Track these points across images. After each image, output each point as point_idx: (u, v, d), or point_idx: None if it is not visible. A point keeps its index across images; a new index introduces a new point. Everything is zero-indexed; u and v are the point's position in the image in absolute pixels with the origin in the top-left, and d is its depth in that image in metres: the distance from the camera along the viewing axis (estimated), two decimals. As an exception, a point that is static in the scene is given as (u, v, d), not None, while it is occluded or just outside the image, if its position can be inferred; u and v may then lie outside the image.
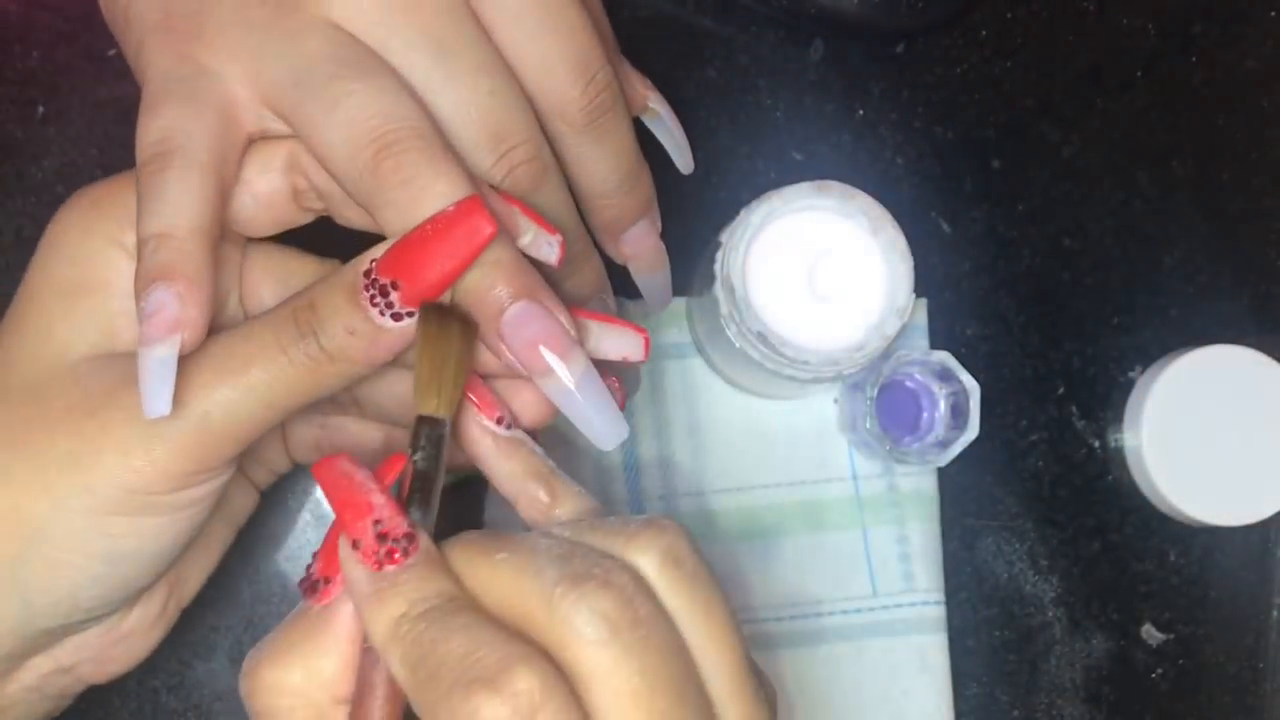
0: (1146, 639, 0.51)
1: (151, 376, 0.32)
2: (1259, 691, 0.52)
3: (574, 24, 0.36)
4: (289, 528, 0.49)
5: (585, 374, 0.34)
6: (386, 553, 0.30)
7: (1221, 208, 0.53)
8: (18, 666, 0.36)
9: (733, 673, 0.31)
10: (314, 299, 0.33)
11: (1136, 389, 0.51)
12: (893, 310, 0.42)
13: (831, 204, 0.42)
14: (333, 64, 0.33)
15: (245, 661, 0.31)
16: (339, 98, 0.33)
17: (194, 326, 0.32)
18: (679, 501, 0.50)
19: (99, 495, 0.33)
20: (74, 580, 0.34)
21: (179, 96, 0.34)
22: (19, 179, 0.49)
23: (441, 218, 0.32)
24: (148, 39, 0.35)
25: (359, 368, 0.33)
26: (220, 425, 0.33)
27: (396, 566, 0.30)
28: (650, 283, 0.43)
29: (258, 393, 0.33)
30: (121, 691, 0.48)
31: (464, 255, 0.32)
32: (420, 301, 0.32)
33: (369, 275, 0.32)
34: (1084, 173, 0.53)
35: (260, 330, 0.33)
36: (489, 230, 0.32)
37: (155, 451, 0.33)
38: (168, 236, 0.33)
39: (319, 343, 0.33)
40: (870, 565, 0.50)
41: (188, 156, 0.33)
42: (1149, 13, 0.53)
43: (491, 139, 0.35)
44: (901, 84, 0.52)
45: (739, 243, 0.42)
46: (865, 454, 0.50)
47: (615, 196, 0.39)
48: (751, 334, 0.41)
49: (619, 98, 0.37)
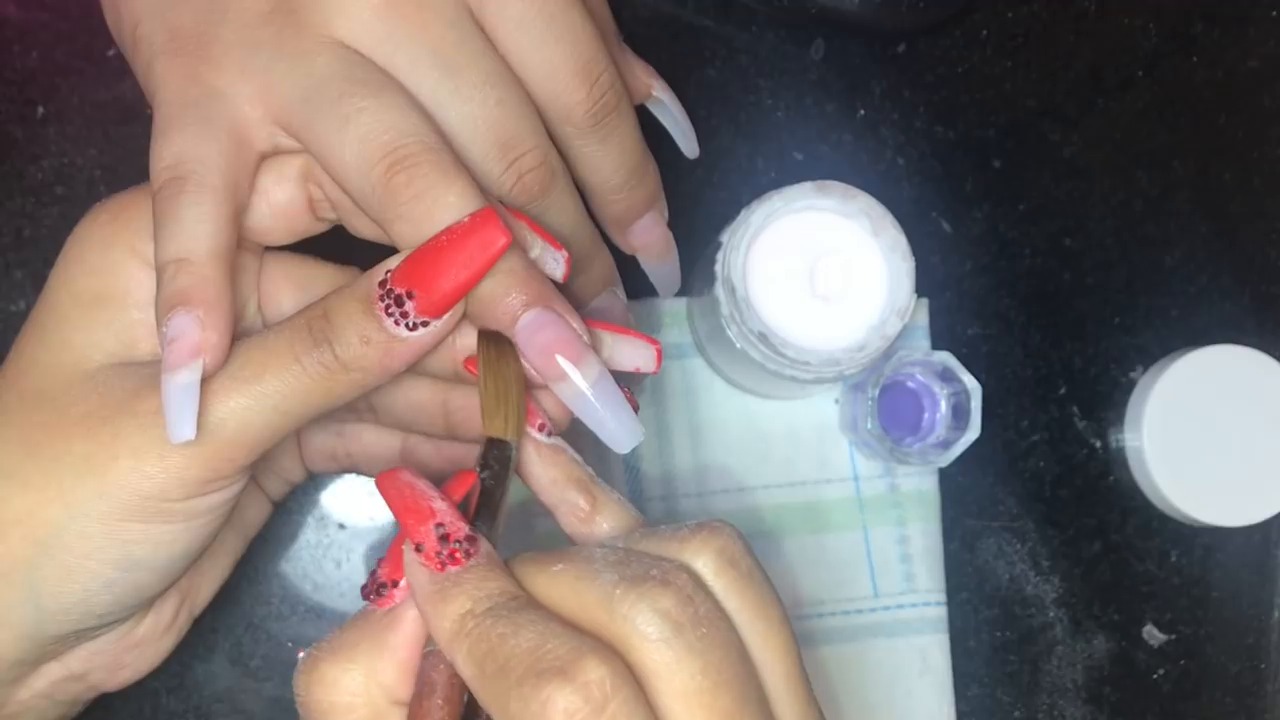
0: (1148, 639, 0.51)
1: (175, 402, 0.32)
2: (1260, 692, 0.52)
3: (576, 28, 0.36)
4: (289, 529, 0.49)
5: (600, 378, 0.34)
6: (449, 554, 0.30)
7: (1221, 208, 0.53)
8: (30, 672, 0.37)
9: (789, 672, 0.31)
10: (329, 308, 0.33)
11: (1137, 389, 0.51)
12: (894, 310, 0.42)
13: (832, 204, 0.42)
14: (342, 82, 0.34)
15: (302, 659, 0.32)
16: (349, 115, 0.33)
17: (215, 350, 0.33)
18: (679, 502, 0.50)
19: (113, 501, 0.33)
20: (87, 586, 0.34)
21: (191, 120, 0.34)
22: (19, 179, 0.49)
23: (457, 228, 0.32)
24: (156, 61, 0.35)
25: (373, 377, 0.34)
26: (234, 432, 0.33)
27: (459, 567, 0.30)
28: (659, 271, 0.44)
29: (272, 400, 0.33)
30: (121, 693, 0.47)
31: (479, 265, 0.32)
32: (437, 311, 0.33)
33: (384, 285, 0.33)
34: (1084, 173, 0.53)
35: (275, 339, 0.33)
36: (504, 240, 0.32)
37: (169, 458, 0.33)
38: (185, 262, 0.33)
39: (334, 351, 0.33)
40: (871, 566, 0.50)
41: (201, 181, 0.34)
42: (1149, 13, 0.53)
43: (500, 148, 0.35)
44: (902, 84, 0.52)
45: (740, 243, 0.42)
46: (866, 454, 0.50)
47: (623, 192, 0.40)
48: (753, 334, 0.41)
49: (622, 96, 0.38)
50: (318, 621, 0.49)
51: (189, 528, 0.35)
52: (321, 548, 0.49)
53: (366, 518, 0.49)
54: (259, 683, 0.48)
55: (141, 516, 0.34)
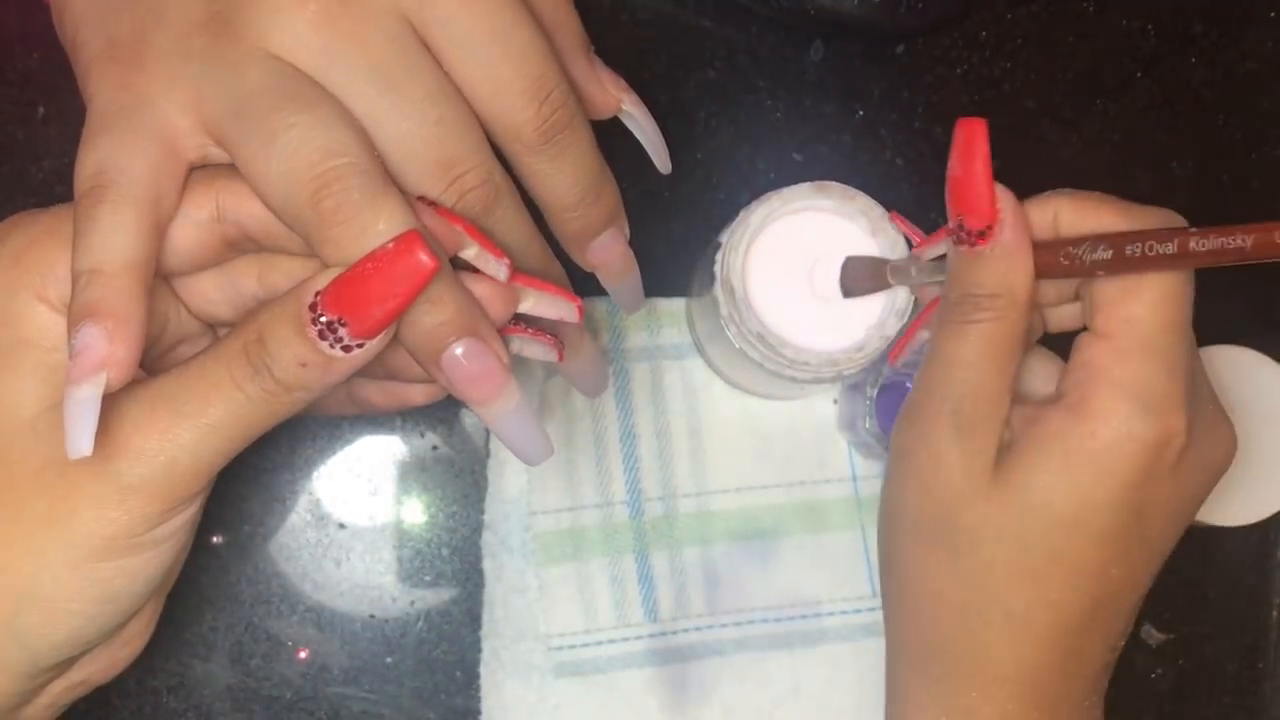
0: (1146, 639, 0.51)
1: (75, 416, 0.31)
2: (1259, 691, 0.52)
3: (524, 44, 0.35)
4: (289, 529, 0.49)
5: (517, 407, 0.35)
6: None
7: (1221, 208, 0.53)
8: (34, 697, 0.37)
9: None
10: (264, 331, 0.33)
11: (1136, 389, 0.51)
12: (892, 311, 0.42)
13: (831, 204, 0.42)
14: (273, 95, 0.33)
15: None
16: (278, 131, 0.32)
17: (121, 365, 0.32)
18: (679, 502, 0.50)
19: (81, 548, 0.33)
20: (71, 625, 0.34)
21: (118, 128, 0.34)
22: (19, 179, 0.49)
23: (381, 254, 0.31)
24: (93, 67, 0.35)
25: (317, 392, 0.33)
26: (187, 466, 0.33)
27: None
28: (619, 290, 0.42)
29: (220, 431, 0.33)
30: (122, 692, 0.48)
31: (404, 293, 0.32)
32: (370, 335, 0.32)
33: (315, 310, 0.32)
34: (1084, 173, 0.53)
35: (214, 367, 0.33)
36: (429, 267, 0.31)
37: (129, 501, 0.33)
38: (98, 273, 0.32)
39: (273, 377, 0.32)
40: (869, 565, 0.50)
41: (121, 191, 0.33)
42: (1149, 13, 0.53)
43: (440, 167, 0.34)
44: (901, 84, 0.52)
45: (739, 243, 0.42)
46: (864, 454, 0.50)
47: (579, 210, 0.38)
48: (751, 335, 0.41)
49: (576, 113, 0.37)
50: (318, 621, 0.49)
51: (160, 552, 0.34)
52: (321, 548, 0.49)
53: (366, 518, 0.49)
54: (259, 683, 0.48)
55: (111, 555, 0.34)
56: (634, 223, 0.41)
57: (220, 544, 0.49)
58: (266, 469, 0.49)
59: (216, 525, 0.49)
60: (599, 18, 0.51)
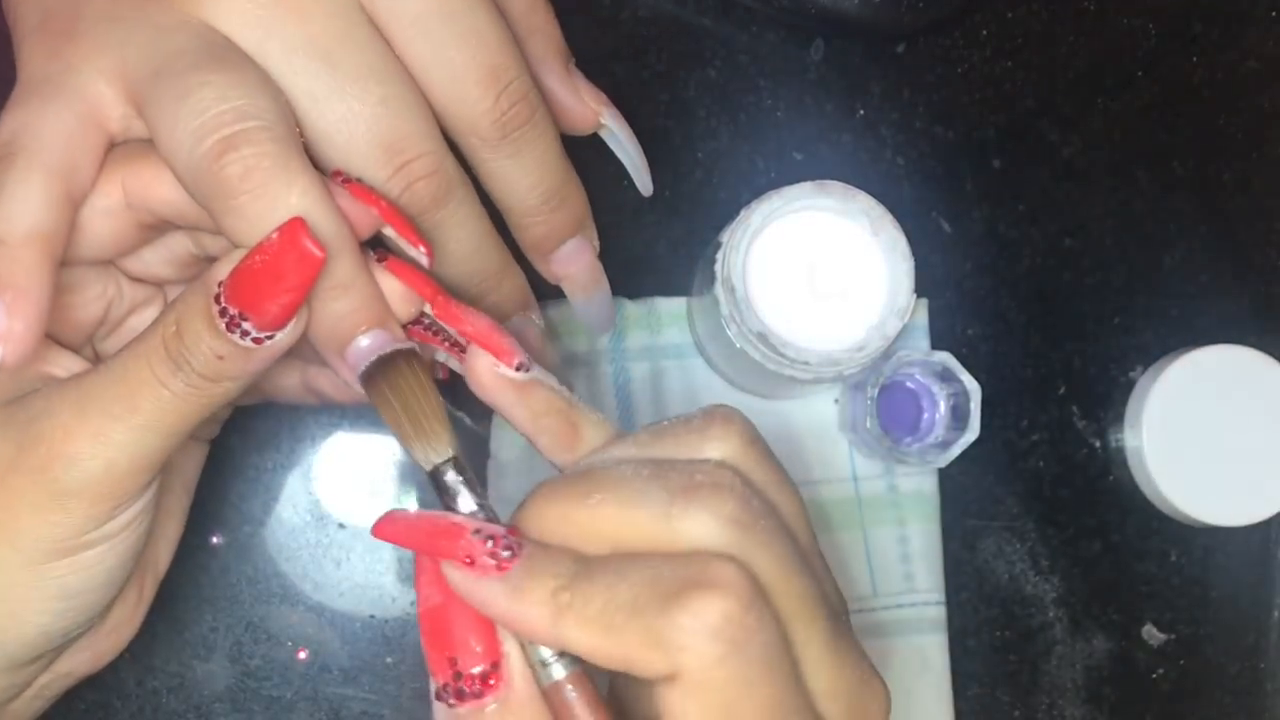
0: (1147, 639, 0.51)
1: None
2: (1260, 692, 0.52)
3: (482, 28, 0.33)
4: (289, 529, 0.49)
5: None
6: (504, 548, 0.29)
7: (1221, 208, 0.53)
8: (21, 690, 0.37)
9: (805, 528, 0.31)
10: (180, 322, 0.31)
11: (1137, 389, 0.51)
12: (893, 310, 0.42)
13: (832, 204, 0.42)
14: (195, 55, 0.31)
15: None
16: (192, 88, 0.30)
17: (18, 341, 0.31)
18: (679, 502, 0.50)
19: (29, 553, 0.32)
20: (38, 623, 0.34)
21: (39, 96, 0.33)
22: None
23: (268, 245, 0.30)
24: (25, 40, 0.34)
25: (243, 381, 0.32)
26: (125, 466, 0.32)
27: (520, 555, 0.29)
28: (586, 306, 0.40)
29: (152, 428, 0.32)
30: (122, 693, 0.48)
31: (298, 285, 0.30)
32: (277, 326, 0.31)
33: (219, 301, 0.31)
34: (1084, 173, 0.53)
35: (136, 365, 0.32)
36: (318, 256, 0.30)
37: (69, 505, 0.32)
38: (0, 242, 0.31)
39: (195, 370, 0.31)
40: (870, 566, 0.50)
41: (30, 158, 0.32)
42: (1149, 13, 0.53)
43: (384, 152, 0.32)
44: (902, 84, 0.52)
45: (739, 243, 0.42)
46: (865, 454, 0.50)
47: (541, 214, 0.36)
48: (752, 334, 0.41)
49: (538, 108, 0.35)
50: (318, 621, 0.49)
51: (114, 544, 0.34)
52: (321, 548, 0.49)
53: (366, 518, 0.49)
54: (259, 683, 0.48)
55: (61, 554, 0.33)
56: (633, 222, 0.40)
57: (220, 544, 0.49)
58: (266, 469, 0.49)
59: (216, 525, 0.49)
60: (599, 17, 0.51)
